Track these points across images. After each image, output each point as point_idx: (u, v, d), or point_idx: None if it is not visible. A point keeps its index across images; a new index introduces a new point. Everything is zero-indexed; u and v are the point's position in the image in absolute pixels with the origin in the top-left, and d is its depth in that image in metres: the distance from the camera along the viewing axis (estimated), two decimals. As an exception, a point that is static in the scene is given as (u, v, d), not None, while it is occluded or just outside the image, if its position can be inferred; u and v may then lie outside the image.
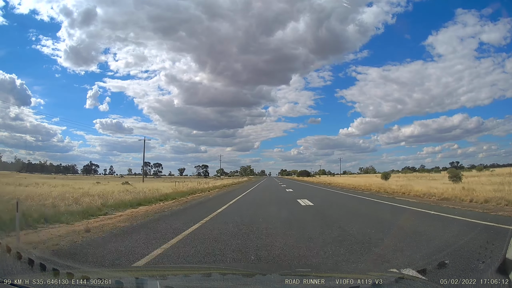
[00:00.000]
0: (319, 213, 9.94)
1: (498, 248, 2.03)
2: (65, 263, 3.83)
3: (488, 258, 2.78)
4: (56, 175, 66.48)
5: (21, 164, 68.04)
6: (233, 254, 4.64)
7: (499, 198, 10.96)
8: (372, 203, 13.34)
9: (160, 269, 3.55)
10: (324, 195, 19.18)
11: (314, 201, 13.71)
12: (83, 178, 53.05)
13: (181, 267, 3.81)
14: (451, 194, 13.54)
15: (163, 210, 10.78)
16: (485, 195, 11.75)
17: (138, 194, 14.34)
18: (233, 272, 2.87)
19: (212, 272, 2.97)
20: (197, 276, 2.68)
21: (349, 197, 17.23)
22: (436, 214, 8.98)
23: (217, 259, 4.42)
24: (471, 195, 12.31)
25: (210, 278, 2.58)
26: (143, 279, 2.38)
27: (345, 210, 11.50)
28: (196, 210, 10.97)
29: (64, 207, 8.78)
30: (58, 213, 7.85)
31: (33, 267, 2.61)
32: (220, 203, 12.97)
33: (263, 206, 12.42)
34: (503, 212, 9.06)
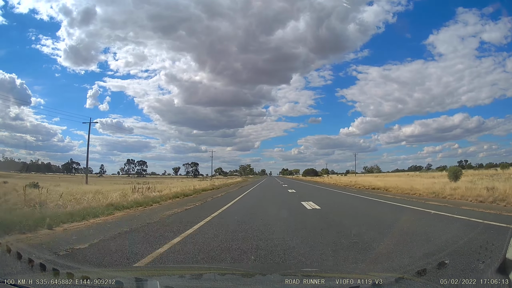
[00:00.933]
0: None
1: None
2: (65, 263, 3.83)
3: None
4: (20, 174, 52.55)
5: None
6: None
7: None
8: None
9: (160, 269, 3.55)
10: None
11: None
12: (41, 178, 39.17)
13: (181, 267, 3.80)
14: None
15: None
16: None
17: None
18: (233, 272, 2.86)
19: (212, 272, 2.97)
20: (197, 276, 2.68)
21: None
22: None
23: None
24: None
25: (210, 278, 2.58)
26: (143, 279, 2.38)
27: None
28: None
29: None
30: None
31: (33, 267, 2.61)
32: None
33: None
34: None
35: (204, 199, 14.91)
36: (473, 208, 9.92)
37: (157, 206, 11.66)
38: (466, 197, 12.53)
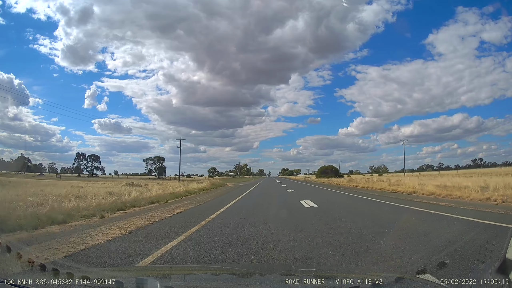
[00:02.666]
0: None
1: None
2: (65, 263, 3.83)
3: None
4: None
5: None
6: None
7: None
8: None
9: (160, 269, 3.55)
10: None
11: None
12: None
13: (181, 267, 3.81)
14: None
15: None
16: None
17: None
18: (233, 272, 2.86)
19: (212, 272, 2.97)
20: (197, 276, 2.68)
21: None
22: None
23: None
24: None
25: (210, 278, 2.58)
26: (143, 279, 2.38)
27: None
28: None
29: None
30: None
31: (33, 267, 2.61)
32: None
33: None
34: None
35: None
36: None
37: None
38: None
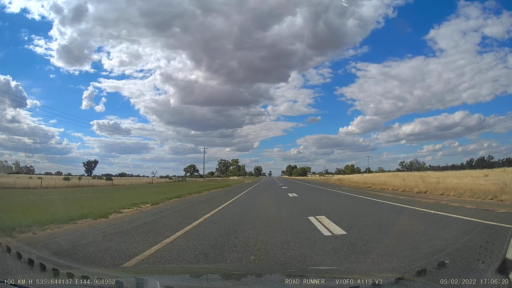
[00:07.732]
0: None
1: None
2: (65, 263, 3.83)
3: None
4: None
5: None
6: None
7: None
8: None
9: (160, 269, 3.56)
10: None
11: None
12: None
13: (181, 267, 3.81)
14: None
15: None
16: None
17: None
18: (233, 272, 2.87)
19: (212, 272, 2.97)
20: (197, 276, 2.68)
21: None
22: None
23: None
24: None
25: (210, 278, 2.58)
26: (143, 279, 2.38)
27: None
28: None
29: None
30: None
31: (33, 267, 2.61)
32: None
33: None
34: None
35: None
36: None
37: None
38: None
